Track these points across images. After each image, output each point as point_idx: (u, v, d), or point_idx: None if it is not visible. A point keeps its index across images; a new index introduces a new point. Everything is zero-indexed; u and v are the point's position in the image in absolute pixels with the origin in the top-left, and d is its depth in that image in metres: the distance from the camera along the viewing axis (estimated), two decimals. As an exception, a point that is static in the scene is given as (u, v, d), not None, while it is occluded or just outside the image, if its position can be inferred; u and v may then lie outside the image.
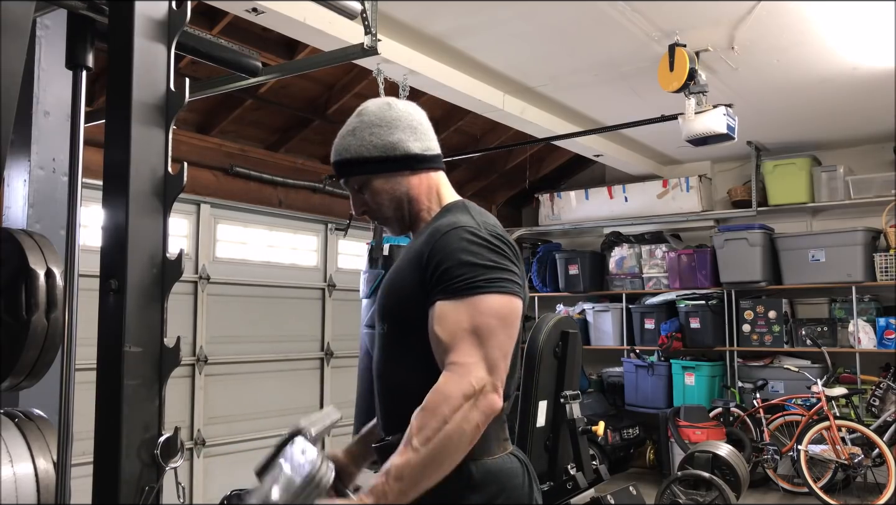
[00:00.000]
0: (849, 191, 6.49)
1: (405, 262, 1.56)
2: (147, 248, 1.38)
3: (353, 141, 1.60)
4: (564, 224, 7.90)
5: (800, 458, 5.59)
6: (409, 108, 1.65)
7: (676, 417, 6.16)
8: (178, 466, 1.37)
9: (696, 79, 4.30)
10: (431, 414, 1.33)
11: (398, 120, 1.60)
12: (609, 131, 5.99)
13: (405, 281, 1.51)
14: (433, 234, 1.50)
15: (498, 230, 1.52)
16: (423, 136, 1.63)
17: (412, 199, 1.61)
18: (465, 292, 1.40)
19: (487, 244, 1.46)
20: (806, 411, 6.02)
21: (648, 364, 6.92)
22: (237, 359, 5.60)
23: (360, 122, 1.61)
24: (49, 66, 2.51)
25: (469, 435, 1.33)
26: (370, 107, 1.63)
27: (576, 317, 7.54)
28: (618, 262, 7.54)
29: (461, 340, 1.38)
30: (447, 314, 1.40)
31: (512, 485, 1.48)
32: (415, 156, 1.60)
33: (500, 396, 1.39)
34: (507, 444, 1.53)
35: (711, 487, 4.66)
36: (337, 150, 1.63)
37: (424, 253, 1.48)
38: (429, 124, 1.67)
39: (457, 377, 1.34)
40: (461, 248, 1.44)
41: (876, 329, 6.13)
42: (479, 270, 1.42)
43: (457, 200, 1.63)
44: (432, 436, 1.31)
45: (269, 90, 5.23)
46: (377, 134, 1.58)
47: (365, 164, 1.59)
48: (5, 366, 1.56)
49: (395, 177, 1.60)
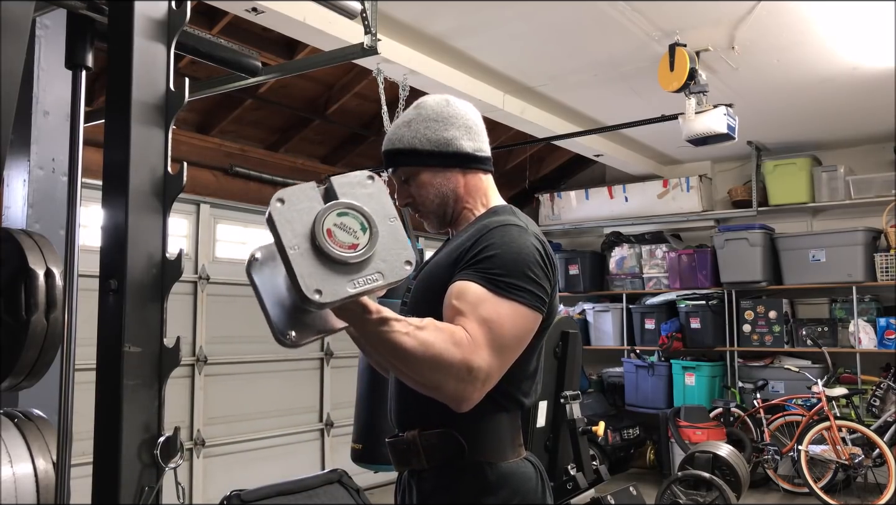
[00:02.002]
0: (849, 191, 6.49)
1: (443, 258, 1.54)
2: (147, 248, 1.38)
3: (408, 132, 1.60)
4: (564, 224, 7.90)
5: (800, 458, 5.59)
6: (467, 107, 1.66)
7: (677, 418, 6.16)
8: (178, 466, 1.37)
9: (696, 79, 4.30)
10: (442, 337, 1.29)
11: (455, 117, 1.61)
12: (609, 131, 5.99)
13: (442, 277, 1.48)
14: (482, 229, 1.49)
15: (542, 238, 1.52)
16: (477, 136, 1.64)
17: (459, 196, 1.62)
18: (500, 289, 1.38)
19: (532, 250, 1.45)
20: (806, 411, 6.02)
21: (648, 364, 6.92)
22: (237, 359, 5.60)
23: (417, 114, 1.62)
24: (49, 66, 2.51)
25: (441, 367, 1.29)
26: (429, 101, 1.65)
27: (576, 317, 7.54)
28: (618, 262, 7.54)
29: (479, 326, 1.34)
30: (475, 295, 1.37)
31: (526, 489, 1.47)
32: (467, 154, 1.61)
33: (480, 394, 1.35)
34: (522, 449, 1.53)
35: (712, 487, 4.66)
36: (390, 139, 1.63)
37: (468, 244, 1.47)
38: (483, 126, 1.68)
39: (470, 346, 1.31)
40: (511, 241, 1.43)
41: (876, 329, 6.13)
42: (521, 277, 1.40)
43: (504, 204, 1.65)
44: (427, 342, 1.28)
45: (269, 90, 5.23)
46: (432, 128, 1.59)
47: (416, 156, 1.59)
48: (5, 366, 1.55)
49: (444, 172, 1.60)
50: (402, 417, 1.56)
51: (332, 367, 6.34)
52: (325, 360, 6.30)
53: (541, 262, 1.45)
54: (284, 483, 3.83)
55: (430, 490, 1.49)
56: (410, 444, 1.49)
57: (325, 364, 6.30)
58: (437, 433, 1.46)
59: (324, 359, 6.30)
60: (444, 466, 1.46)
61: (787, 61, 4.68)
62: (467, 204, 1.62)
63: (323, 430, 6.23)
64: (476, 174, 1.64)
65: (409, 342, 1.27)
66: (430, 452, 1.47)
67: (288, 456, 5.88)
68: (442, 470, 1.47)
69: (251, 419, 5.65)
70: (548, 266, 1.47)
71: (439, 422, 1.44)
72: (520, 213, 1.59)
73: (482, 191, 1.65)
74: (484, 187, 1.65)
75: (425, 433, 1.47)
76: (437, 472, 1.48)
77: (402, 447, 1.52)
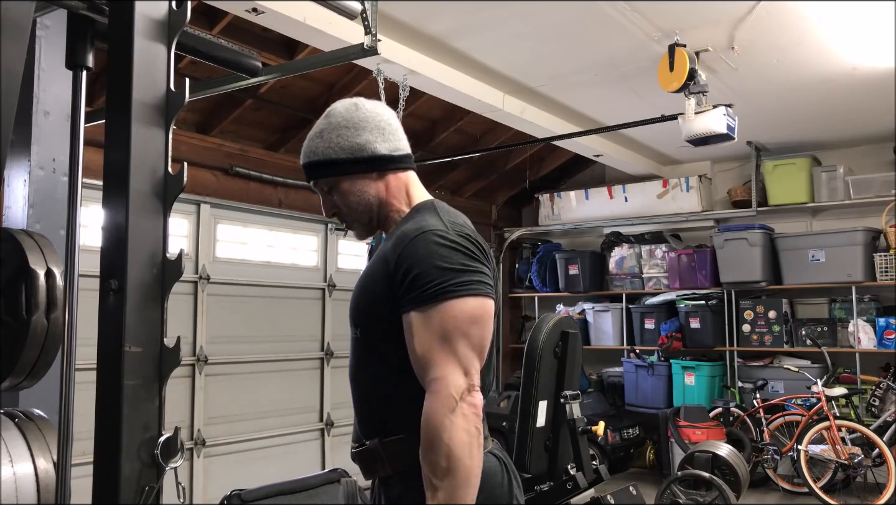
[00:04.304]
0: (849, 191, 6.49)
1: (375, 266, 1.55)
2: (147, 249, 1.38)
3: (321, 143, 1.60)
4: (564, 224, 7.90)
5: (800, 458, 5.59)
6: (378, 108, 1.64)
7: (676, 417, 6.16)
8: (178, 466, 1.37)
9: (696, 79, 4.31)
10: (432, 448, 1.35)
11: (365, 121, 1.60)
12: (609, 131, 5.99)
13: (376, 287, 1.51)
14: (401, 240, 1.49)
15: (466, 230, 1.51)
16: (392, 136, 1.62)
17: (381, 201, 1.61)
18: (436, 299, 1.41)
19: (456, 246, 1.45)
20: (806, 411, 6.02)
21: (648, 364, 6.92)
22: (237, 359, 5.60)
23: (327, 123, 1.61)
24: (49, 66, 2.51)
25: (474, 439, 1.36)
26: (338, 108, 1.63)
27: (576, 317, 7.53)
28: (618, 262, 7.54)
29: (436, 353, 1.39)
30: (421, 327, 1.41)
31: (490, 484, 1.49)
32: (382, 157, 1.59)
33: (479, 391, 1.41)
34: (487, 442, 1.54)
35: (711, 487, 4.66)
36: (305, 152, 1.63)
37: (392, 259, 1.48)
38: (398, 124, 1.66)
39: (437, 396, 1.37)
40: (429, 252, 1.44)
41: (876, 329, 6.13)
42: (449, 274, 1.42)
43: (426, 201, 1.62)
44: (447, 465, 1.33)
45: (269, 90, 5.23)
46: (344, 136, 1.58)
47: (333, 166, 1.59)
48: (5, 366, 1.56)
49: (363, 178, 1.59)
50: (363, 427, 1.58)
51: (332, 367, 6.34)
52: (325, 360, 6.31)
53: (463, 249, 1.46)
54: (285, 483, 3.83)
55: (396, 495, 1.52)
56: (374, 452, 1.52)
57: (326, 364, 6.31)
58: (397, 440, 1.49)
59: (324, 359, 6.31)
60: (408, 470, 1.47)
61: (786, 61, 4.68)
62: (392, 206, 1.62)
63: (323, 429, 6.24)
64: (395, 174, 1.62)
65: (445, 494, 1.34)
66: (393, 458, 1.49)
67: (288, 456, 5.88)
68: (407, 474, 1.48)
69: (252, 419, 5.65)
70: (473, 250, 1.48)
71: (398, 428, 1.47)
72: (441, 207, 1.58)
73: (404, 190, 1.63)
74: (405, 186, 1.64)
75: (386, 441, 1.50)
76: (402, 476, 1.50)
77: (367, 456, 1.55)
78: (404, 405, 1.45)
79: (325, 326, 6.34)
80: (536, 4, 3.88)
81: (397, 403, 1.48)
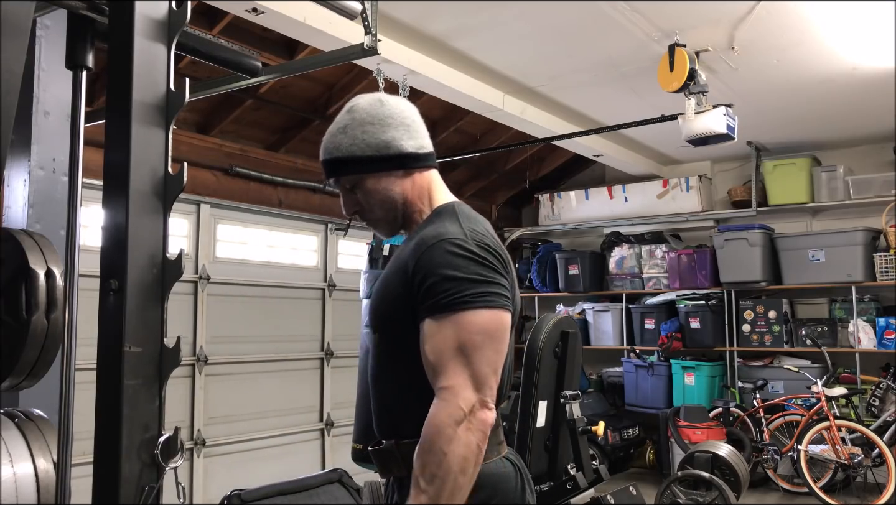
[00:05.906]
0: (849, 191, 6.49)
1: (393, 270, 1.53)
2: (147, 249, 1.38)
3: (345, 139, 1.55)
4: (564, 224, 7.90)
5: (800, 458, 5.59)
6: (402, 104, 1.60)
7: (676, 417, 6.16)
8: (178, 466, 1.37)
9: (696, 79, 4.31)
10: (429, 451, 1.34)
11: (391, 117, 1.55)
12: (609, 131, 5.99)
13: (395, 292, 1.49)
14: (419, 246, 1.46)
15: (486, 239, 1.47)
16: (417, 133, 1.59)
17: (406, 200, 1.58)
18: (449, 309, 1.38)
19: (473, 256, 1.42)
20: (806, 411, 6.02)
21: (648, 364, 6.92)
22: (237, 359, 5.60)
23: (351, 119, 1.56)
24: (49, 66, 2.52)
25: (472, 457, 1.34)
26: (361, 103, 1.58)
27: (576, 317, 7.53)
28: (618, 262, 7.54)
29: (448, 362, 1.37)
30: (433, 334, 1.39)
31: (505, 488, 1.48)
32: (408, 154, 1.56)
33: (492, 409, 1.39)
34: (502, 447, 1.54)
35: (711, 487, 4.66)
36: (327, 148, 1.58)
37: (410, 266, 1.45)
38: (421, 121, 1.62)
39: (445, 404, 1.35)
40: (445, 262, 1.41)
41: (876, 329, 6.13)
42: (464, 284, 1.39)
43: (447, 204, 1.59)
44: (436, 472, 1.32)
45: (269, 90, 5.23)
46: (370, 132, 1.54)
47: (358, 164, 1.54)
48: (5, 366, 1.56)
49: (388, 176, 1.56)
50: (380, 428, 1.57)
51: (332, 367, 6.34)
52: (325, 360, 6.31)
53: (481, 260, 1.43)
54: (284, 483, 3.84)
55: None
56: (390, 452, 1.51)
57: (325, 364, 6.31)
58: (412, 442, 1.46)
59: (324, 359, 6.31)
60: None
61: (786, 61, 4.68)
62: (415, 206, 1.59)
63: (323, 430, 6.24)
64: (420, 173, 1.59)
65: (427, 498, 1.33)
66: (408, 460, 1.47)
67: (288, 456, 5.88)
68: None
69: (251, 419, 5.65)
70: (491, 261, 1.44)
71: (413, 432, 1.45)
72: (462, 212, 1.54)
73: (427, 190, 1.60)
74: (428, 186, 1.61)
75: (402, 442, 1.49)
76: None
77: (383, 456, 1.54)
78: (422, 411, 1.42)
79: (325, 326, 6.34)
80: (536, 4, 3.88)
81: (415, 409, 1.45)
